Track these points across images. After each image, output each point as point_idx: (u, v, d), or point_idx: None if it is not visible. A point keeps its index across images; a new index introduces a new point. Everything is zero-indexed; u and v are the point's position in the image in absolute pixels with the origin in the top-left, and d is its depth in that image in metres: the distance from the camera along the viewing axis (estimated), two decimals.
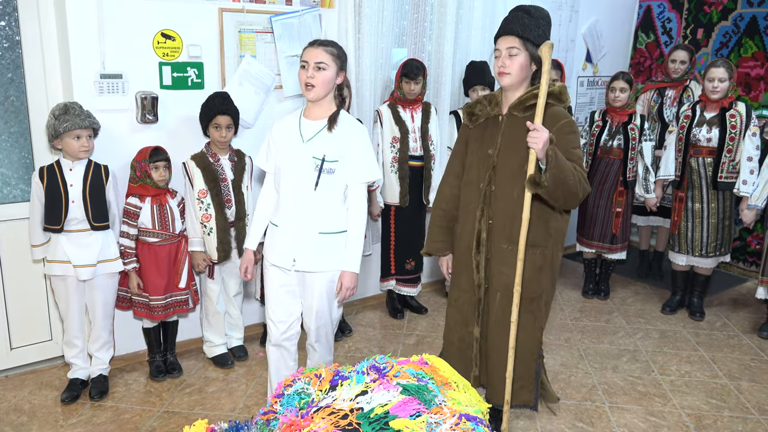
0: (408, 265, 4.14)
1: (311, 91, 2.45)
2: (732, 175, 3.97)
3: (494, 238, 2.52)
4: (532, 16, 2.39)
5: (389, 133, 3.91)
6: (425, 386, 1.71)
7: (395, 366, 1.83)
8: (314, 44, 2.48)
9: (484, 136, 2.54)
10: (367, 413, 1.59)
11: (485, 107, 2.56)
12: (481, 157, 2.53)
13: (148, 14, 3.19)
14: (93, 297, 3.10)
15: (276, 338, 2.70)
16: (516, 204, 2.44)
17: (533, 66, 2.43)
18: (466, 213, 2.61)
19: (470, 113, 2.62)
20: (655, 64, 5.59)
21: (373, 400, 1.64)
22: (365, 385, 1.72)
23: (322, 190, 2.50)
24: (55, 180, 2.92)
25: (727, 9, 5.10)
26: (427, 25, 4.24)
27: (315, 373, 1.85)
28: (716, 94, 3.95)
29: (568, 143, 2.39)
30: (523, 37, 2.37)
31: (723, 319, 4.30)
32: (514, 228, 2.45)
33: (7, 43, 3.10)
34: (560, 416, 3.08)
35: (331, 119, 2.50)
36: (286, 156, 2.53)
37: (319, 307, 2.61)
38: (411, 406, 1.61)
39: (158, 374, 3.35)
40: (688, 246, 4.18)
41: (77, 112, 2.88)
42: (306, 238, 2.54)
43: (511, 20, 2.40)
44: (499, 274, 2.53)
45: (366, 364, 1.85)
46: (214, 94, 3.25)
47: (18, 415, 3.00)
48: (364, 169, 2.55)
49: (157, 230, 3.16)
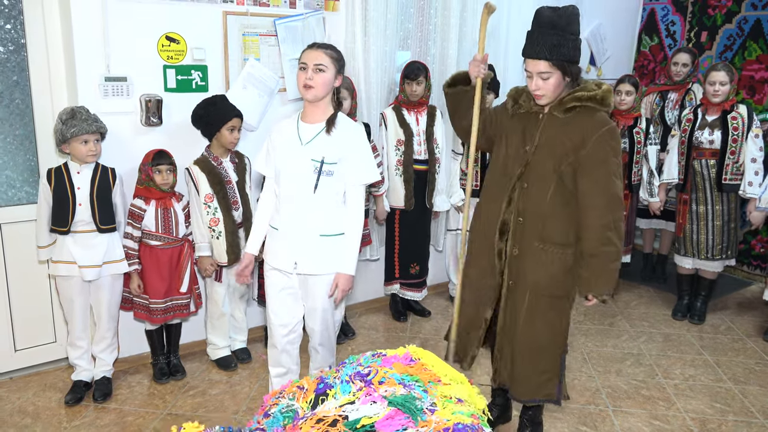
0: (412, 270, 4.13)
1: (310, 92, 2.45)
2: (737, 177, 3.96)
3: (526, 235, 2.48)
4: (558, 29, 2.25)
5: (394, 136, 3.92)
6: (412, 396, 1.69)
7: (380, 371, 1.80)
8: (313, 47, 2.49)
9: (524, 131, 2.47)
10: (353, 423, 1.58)
11: (529, 100, 2.48)
12: (519, 151, 2.47)
13: (153, 17, 3.20)
14: (98, 298, 3.11)
15: (278, 342, 2.70)
16: (548, 204, 2.42)
17: (567, 79, 2.35)
18: (489, 196, 2.57)
19: (515, 99, 2.54)
20: (659, 67, 5.59)
21: (360, 411, 1.63)
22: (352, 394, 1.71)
23: (322, 193, 2.50)
24: (63, 182, 2.94)
25: (731, 12, 5.09)
26: (432, 28, 4.24)
27: (298, 386, 1.82)
28: (717, 97, 3.94)
29: (605, 153, 2.32)
30: (551, 59, 2.27)
31: (727, 322, 4.29)
32: (546, 228, 2.43)
33: (13, 46, 3.12)
34: (564, 420, 3.07)
35: (329, 121, 2.51)
36: (285, 159, 2.54)
37: (321, 310, 2.62)
38: (397, 421, 1.60)
39: (161, 376, 3.35)
40: (693, 249, 4.17)
41: (84, 117, 2.89)
42: (307, 241, 2.54)
43: (537, 41, 2.27)
44: (531, 273, 2.49)
45: (350, 371, 1.83)
46: (218, 96, 3.25)
47: (22, 417, 3.00)
48: (362, 171, 2.55)
49: (161, 233, 3.16)
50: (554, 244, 2.45)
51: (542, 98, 2.37)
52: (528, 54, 2.33)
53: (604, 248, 2.35)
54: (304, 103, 2.55)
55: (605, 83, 2.41)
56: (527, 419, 2.84)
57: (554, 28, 2.26)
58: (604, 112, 2.38)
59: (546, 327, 2.53)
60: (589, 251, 2.37)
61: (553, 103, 2.41)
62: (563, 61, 2.28)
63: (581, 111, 2.36)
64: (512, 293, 2.58)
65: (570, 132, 2.36)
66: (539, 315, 2.52)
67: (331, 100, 2.55)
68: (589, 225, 2.36)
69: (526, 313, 2.54)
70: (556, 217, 2.42)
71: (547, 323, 2.53)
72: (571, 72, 2.33)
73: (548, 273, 2.46)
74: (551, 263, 2.46)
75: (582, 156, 2.34)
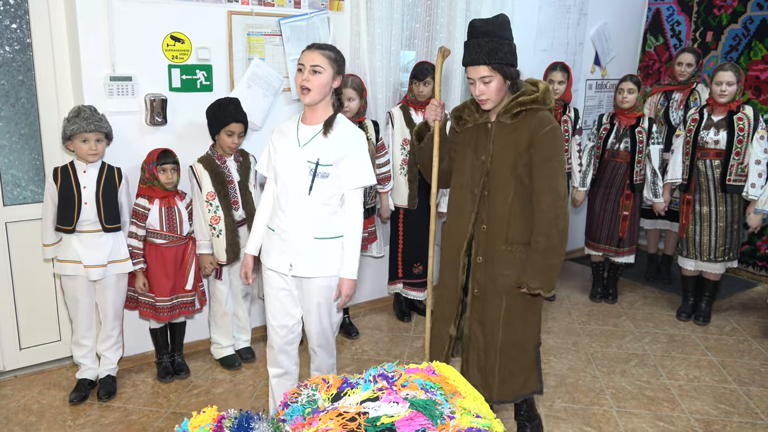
0: (416, 269, 4.14)
1: (307, 95, 2.44)
2: (741, 178, 3.94)
3: (492, 241, 2.55)
4: (493, 36, 2.37)
5: (400, 135, 3.92)
6: (433, 401, 1.70)
7: (403, 375, 1.82)
8: (311, 47, 2.46)
9: (477, 143, 2.57)
10: (374, 420, 1.59)
11: (473, 113, 2.59)
12: (475, 163, 2.56)
13: (158, 17, 3.20)
14: (103, 297, 3.12)
15: (277, 343, 2.70)
16: (510, 207, 2.49)
17: (508, 82, 2.45)
18: (457, 215, 2.63)
19: (458, 117, 2.65)
20: (664, 67, 5.57)
21: (381, 409, 1.64)
22: (372, 392, 1.72)
23: (317, 195, 2.49)
24: (69, 181, 2.95)
25: (737, 12, 5.07)
26: (438, 28, 4.24)
27: (323, 378, 1.85)
28: (724, 97, 3.93)
29: (548, 151, 2.43)
30: (491, 63, 2.38)
31: (732, 323, 4.27)
32: (511, 230, 2.51)
33: (19, 46, 3.13)
34: (568, 420, 3.07)
35: (327, 123, 2.49)
36: (282, 161, 2.53)
37: (318, 312, 2.60)
38: (417, 422, 1.61)
39: (166, 375, 3.36)
40: (696, 251, 4.16)
41: (86, 116, 2.89)
42: (302, 244, 2.53)
43: (474, 49, 2.39)
44: (502, 277, 2.55)
45: (374, 372, 1.85)
46: (227, 99, 3.25)
47: (27, 415, 3.01)
48: (359, 175, 2.53)
49: (165, 232, 3.17)
50: (520, 243, 2.51)
51: (487, 102, 2.46)
52: (467, 62, 2.43)
53: (544, 243, 2.44)
54: (304, 105, 2.54)
55: (541, 81, 2.52)
56: (523, 418, 2.87)
57: (488, 35, 2.38)
58: (546, 111, 2.48)
59: (523, 326, 2.61)
60: (532, 244, 2.47)
61: (499, 109, 2.50)
62: (501, 64, 2.39)
63: (526, 114, 2.47)
64: (478, 302, 2.63)
65: (519, 135, 2.46)
66: (517, 316, 2.58)
67: (330, 102, 2.53)
68: (536, 220, 2.46)
69: (504, 317, 2.59)
70: (519, 219, 2.50)
71: (525, 322, 2.61)
72: (510, 74, 2.43)
73: (519, 272, 2.52)
74: (519, 262, 2.52)
75: (531, 155, 2.44)
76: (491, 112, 2.55)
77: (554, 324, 4.21)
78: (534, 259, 2.46)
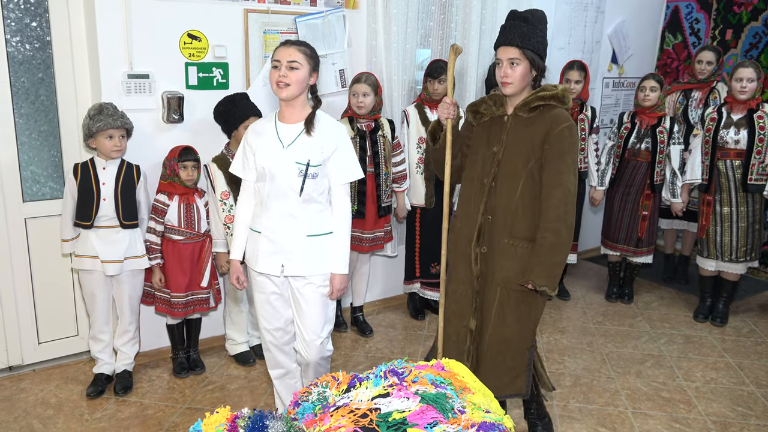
0: (433, 269, 4.12)
1: (284, 90, 2.40)
2: (762, 177, 3.89)
3: (495, 232, 2.54)
4: (530, 23, 2.44)
5: (416, 134, 3.91)
6: (443, 394, 1.71)
7: (413, 371, 1.82)
8: (287, 44, 2.44)
9: (490, 135, 2.58)
10: (385, 416, 1.60)
11: (490, 107, 2.61)
12: (486, 154, 2.57)
13: (175, 15, 3.23)
14: (120, 292, 3.16)
15: (274, 345, 2.70)
16: (517, 201, 2.49)
17: (533, 72, 2.48)
18: (467, 206, 2.63)
19: (475, 111, 2.66)
20: (683, 65, 5.51)
21: (392, 405, 1.64)
22: (383, 388, 1.73)
23: (308, 194, 2.48)
24: (89, 177, 2.98)
25: (757, 9, 5.00)
26: (453, 26, 4.23)
27: (332, 376, 1.86)
28: (744, 94, 3.88)
29: (563, 147, 2.43)
30: (522, 47, 2.42)
31: (750, 325, 4.22)
32: (515, 224, 2.50)
33: (38, 44, 3.17)
34: (582, 420, 3.05)
35: (308, 122, 2.46)
36: (268, 162, 2.48)
37: (313, 310, 2.59)
38: (429, 415, 1.61)
39: (181, 371, 3.39)
40: (717, 251, 4.11)
41: (110, 113, 2.93)
42: (294, 243, 2.52)
43: (510, 30, 2.44)
44: (501, 269, 2.54)
45: (384, 368, 1.86)
46: (239, 95, 3.26)
47: (45, 409, 3.05)
48: (346, 171, 2.54)
49: (183, 228, 3.20)
50: (523, 239, 2.50)
51: (509, 86, 2.47)
52: (500, 42, 2.48)
53: (552, 239, 2.41)
54: (280, 103, 2.50)
55: (560, 85, 2.58)
56: (533, 417, 2.86)
57: (526, 21, 2.45)
58: (563, 109, 2.50)
59: (516, 322, 2.57)
60: (539, 240, 2.45)
61: (517, 102, 2.52)
62: (532, 52, 2.43)
63: (544, 109, 2.48)
64: (480, 293, 2.62)
65: (535, 129, 2.47)
66: (510, 310, 2.56)
67: (307, 98, 2.51)
68: (544, 215, 2.44)
69: (497, 309, 2.57)
70: (524, 213, 2.49)
71: (518, 318, 2.57)
72: (537, 65, 2.47)
73: (518, 267, 2.50)
74: (520, 258, 2.50)
75: (545, 150, 2.44)
76: (508, 106, 2.55)
77: (569, 324, 4.18)
78: (540, 255, 2.43)
